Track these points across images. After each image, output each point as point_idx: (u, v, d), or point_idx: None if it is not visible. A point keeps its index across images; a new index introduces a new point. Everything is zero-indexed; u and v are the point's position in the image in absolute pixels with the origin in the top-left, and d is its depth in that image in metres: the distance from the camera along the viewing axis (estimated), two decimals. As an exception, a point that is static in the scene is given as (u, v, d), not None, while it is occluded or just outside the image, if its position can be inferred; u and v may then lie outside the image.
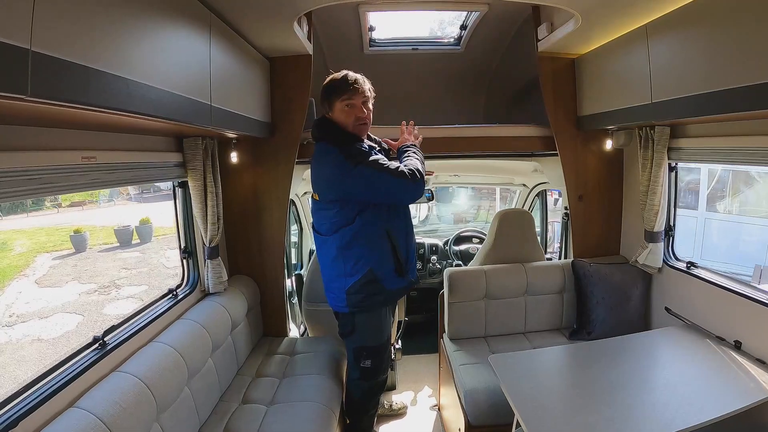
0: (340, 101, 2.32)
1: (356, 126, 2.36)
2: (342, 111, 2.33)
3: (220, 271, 2.83)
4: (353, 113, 2.33)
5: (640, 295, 3.09)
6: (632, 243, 3.27)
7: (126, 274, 10.52)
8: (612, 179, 3.41)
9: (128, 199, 16.64)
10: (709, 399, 1.99)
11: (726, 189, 9.27)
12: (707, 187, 9.23)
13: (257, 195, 3.17)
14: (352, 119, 2.34)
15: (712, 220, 9.08)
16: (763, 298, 2.32)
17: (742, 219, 8.98)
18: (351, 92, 2.31)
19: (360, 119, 2.35)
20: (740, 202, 9.19)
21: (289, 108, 3.07)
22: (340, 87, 2.32)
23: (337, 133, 2.36)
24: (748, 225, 8.86)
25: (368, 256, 2.37)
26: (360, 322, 2.48)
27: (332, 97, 2.34)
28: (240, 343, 2.86)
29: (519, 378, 2.17)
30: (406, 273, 2.47)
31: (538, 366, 2.38)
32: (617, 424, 1.85)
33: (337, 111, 2.34)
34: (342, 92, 2.31)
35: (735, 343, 2.41)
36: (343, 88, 2.31)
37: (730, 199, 9.23)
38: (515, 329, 3.18)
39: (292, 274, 4.05)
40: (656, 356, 2.49)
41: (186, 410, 2.15)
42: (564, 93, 3.24)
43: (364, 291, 2.39)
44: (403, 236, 2.46)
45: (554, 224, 4.96)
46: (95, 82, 1.27)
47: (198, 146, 2.58)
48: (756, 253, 8.27)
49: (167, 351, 2.14)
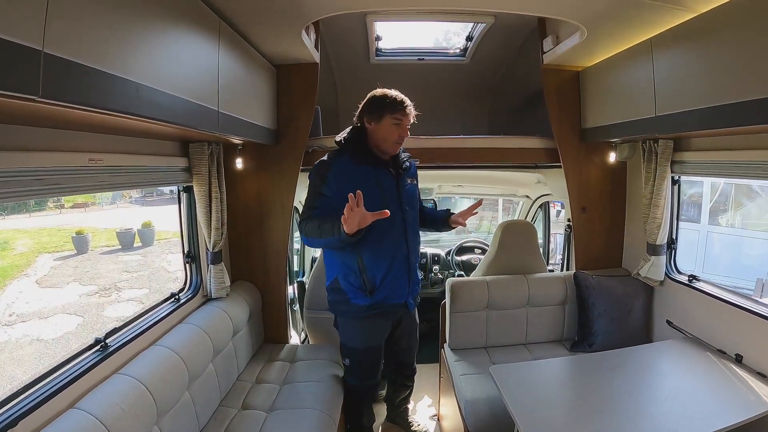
0: (392, 116, 2.40)
1: (395, 143, 2.46)
2: (390, 126, 2.41)
3: (222, 277, 2.83)
4: (398, 131, 2.42)
5: (641, 308, 3.08)
6: (634, 255, 3.27)
7: (127, 277, 10.50)
8: (615, 192, 3.42)
9: (131, 202, 16.66)
10: (710, 412, 1.99)
11: (728, 203, 9.27)
12: (710, 201, 9.22)
13: (261, 201, 3.17)
14: (396, 136, 2.43)
15: (714, 233, 9.07)
16: (764, 311, 2.32)
17: (744, 233, 8.97)
18: (403, 112, 2.40)
19: (401, 138, 2.45)
20: (742, 215, 9.19)
21: (294, 115, 3.09)
22: (395, 104, 2.40)
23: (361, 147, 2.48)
24: (749, 239, 8.85)
25: (337, 265, 2.56)
26: (340, 321, 2.68)
27: (385, 111, 2.40)
28: (241, 348, 2.86)
29: (520, 389, 2.16)
30: (375, 293, 2.51)
31: (539, 377, 2.37)
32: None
33: (385, 124, 2.41)
34: (396, 109, 2.39)
35: (736, 357, 2.41)
36: (398, 106, 2.40)
37: (732, 212, 9.22)
38: (516, 340, 3.17)
39: (294, 281, 4.05)
40: (657, 369, 2.49)
41: (186, 414, 2.15)
42: (568, 105, 3.26)
43: (333, 294, 2.62)
44: (383, 262, 2.50)
45: (557, 236, 4.95)
46: (106, 85, 1.29)
47: (204, 151, 2.60)
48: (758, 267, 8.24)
49: (168, 355, 2.15)
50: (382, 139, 2.43)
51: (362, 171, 2.44)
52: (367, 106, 2.46)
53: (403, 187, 2.56)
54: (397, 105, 2.40)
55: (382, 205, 2.23)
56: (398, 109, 2.39)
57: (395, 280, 2.54)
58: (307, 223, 2.40)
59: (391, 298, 2.55)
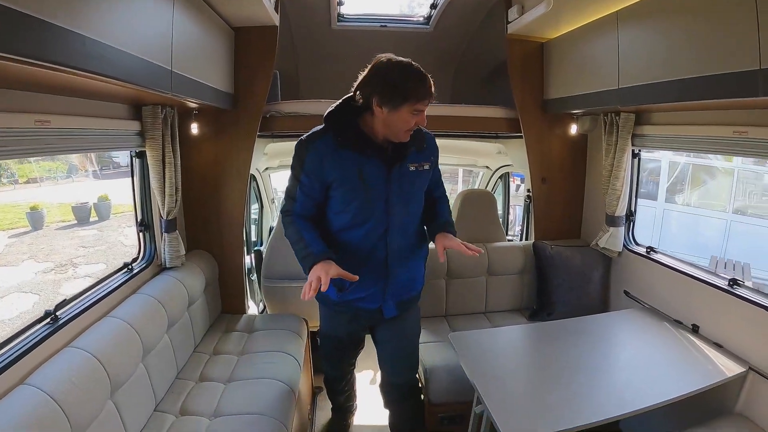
0: (411, 106, 1.85)
1: (407, 132, 1.93)
2: (406, 116, 1.87)
3: (177, 246, 2.74)
4: (414, 120, 1.89)
5: (599, 278, 3.15)
6: (593, 227, 3.32)
7: (84, 252, 10.23)
8: (575, 164, 3.46)
9: (86, 175, 16.11)
10: (668, 380, 2.04)
11: (686, 182, 9.56)
12: (667, 180, 9.49)
13: (217, 168, 3.07)
14: (410, 125, 1.90)
15: (672, 211, 9.36)
16: (720, 283, 2.38)
17: (700, 211, 9.29)
18: (429, 99, 1.89)
19: (416, 127, 1.95)
20: (699, 195, 9.50)
21: (252, 80, 2.98)
22: (419, 91, 1.85)
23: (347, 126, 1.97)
24: (705, 217, 9.16)
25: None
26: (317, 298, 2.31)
27: (405, 100, 1.84)
28: (197, 319, 2.79)
29: (479, 356, 2.18)
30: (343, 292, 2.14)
31: (499, 344, 2.39)
32: (578, 402, 1.88)
33: (402, 113, 1.86)
34: (421, 97, 1.85)
35: (693, 327, 2.48)
36: (424, 93, 1.85)
37: (689, 191, 9.52)
38: (476, 309, 3.21)
39: (251, 251, 3.98)
40: (616, 337, 2.55)
41: (141, 387, 2.09)
42: (531, 76, 3.26)
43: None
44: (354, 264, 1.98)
45: (516, 208, 5.00)
46: (50, 37, 1.21)
47: (157, 115, 2.47)
48: (712, 244, 8.57)
49: (122, 326, 2.06)
50: (391, 128, 1.91)
51: (343, 157, 1.95)
52: (380, 85, 1.85)
53: (398, 179, 2.03)
54: (423, 92, 1.85)
55: (361, 204, 1.98)
56: (424, 96, 1.85)
57: (367, 283, 2.08)
58: (287, 227, 2.06)
59: (360, 302, 2.16)
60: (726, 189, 9.13)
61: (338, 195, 2.00)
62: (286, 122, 3.11)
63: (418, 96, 1.83)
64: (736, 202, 9.00)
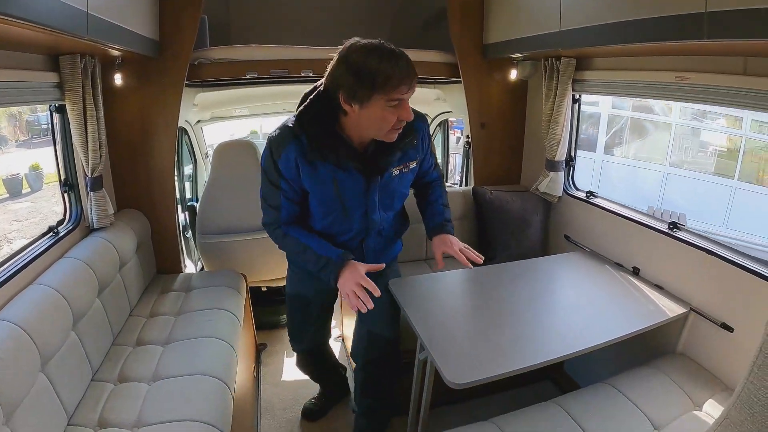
0: (385, 97, 1.53)
1: (393, 130, 1.64)
2: (382, 109, 1.56)
3: (104, 204, 2.56)
4: (395, 115, 1.58)
5: (539, 223, 3.18)
6: (533, 173, 3.33)
7: (18, 227, 9.69)
8: (515, 110, 3.45)
9: (17, 145, 15.11)
10: (611, 321, 2.07)
11: (623, 135, 9.84)
12: (606, 134, 9.74)
13: (144, 121, 2.87)
14: (392, 121, 1.60)
15: (610, 162, 9.64)
16: (659, 226, 2.43)
17: (638, 164, 9.60)
18: (407, 84, 1.55)
19: (401, 123, 1.63)
20: (636, 148, 9.80)
21: (178, 25, 2.75)
22: (390, 76, 1.50)
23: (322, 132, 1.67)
24: (643, 170, 9.49)
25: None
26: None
27: (373, 90, 1.52)
28: (131, 281, 2.65)
29: (421, 302, 2.15)
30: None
31: (440, 289, 2.38)
32: (521, 344, 1.89)
33: (375, 107, 1.55)
34: (395, 84, 1.52)
35: (633, 270, 2.54)
36: (397, 78, 1.51)
37: (626, 144, 9.81)
38: (416, 256, 3.19)
39: (186, 208, 3.82)
40: (558, 280, 2.58)
41: (75, 357, 1.96)
42: (471, 20, 3.19)
43: None
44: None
45: (455, 156, 4.99)
46: None
47: (76, 65, 2.25)
48: (649, 195, 8.91)
49: (48, 293, 1.93)
50: (370, 129, 1.64)
51: (318, 167, 1.72)
52: (344, 75, 1.54)
53: (379, 190, 1.85)
54: (395, 78, 1.51)
55: (338, 217, 1.87)
56: (400, 82, 1.52)
57: None
58: (280, 241, 1.90)
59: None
60: (663, 143, 9.45)
61: (314, 204, 1.86)
62: (215, 69, 2.91)
63: (389, 82, 1.50)
64: (673, 156, 9.34)
